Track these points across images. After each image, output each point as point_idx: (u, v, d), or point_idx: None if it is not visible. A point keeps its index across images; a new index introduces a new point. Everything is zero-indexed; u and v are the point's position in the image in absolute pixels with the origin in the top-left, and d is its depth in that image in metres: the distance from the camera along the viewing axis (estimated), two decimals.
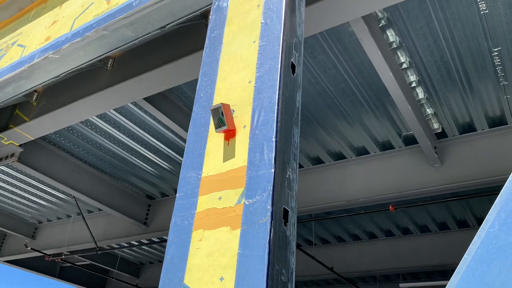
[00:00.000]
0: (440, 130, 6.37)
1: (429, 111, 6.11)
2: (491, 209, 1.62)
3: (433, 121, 6.27)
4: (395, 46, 5.14)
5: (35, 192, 9.33)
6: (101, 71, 5.48)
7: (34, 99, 6.12)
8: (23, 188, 9.16)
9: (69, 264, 10.73)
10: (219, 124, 2.15)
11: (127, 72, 5.18)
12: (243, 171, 2.02)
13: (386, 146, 6.97)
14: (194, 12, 3.33)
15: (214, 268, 1.85)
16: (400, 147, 6.88)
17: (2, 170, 8.54)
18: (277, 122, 2.05)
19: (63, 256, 9.82)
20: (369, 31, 4.54)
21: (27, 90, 4.36)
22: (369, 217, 9.07)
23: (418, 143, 6.49)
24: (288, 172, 2.05)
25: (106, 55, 4.00)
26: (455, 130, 6.39)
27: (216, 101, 2.35)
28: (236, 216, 1.92)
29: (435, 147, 6.42)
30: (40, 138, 7.25)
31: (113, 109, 6.55)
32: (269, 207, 1.84)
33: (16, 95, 4.42)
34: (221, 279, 1.80)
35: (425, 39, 5.12)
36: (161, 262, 12.90)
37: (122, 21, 3.44)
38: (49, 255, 9.93)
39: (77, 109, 5.52)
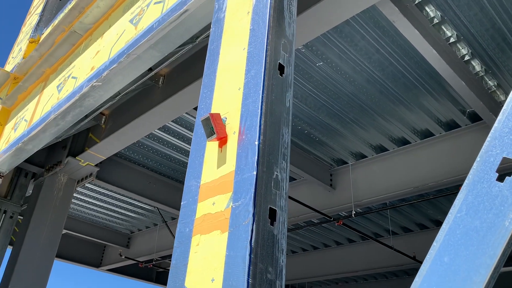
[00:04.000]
0: None
1: (491, 83, 5.68)
2: (459, 193, 1.56)
3: (498, 93, 5.82)
4: (437, 21, 4.87)
5: (123, 206, 10.14)
6: (154, 89, 5.87)
7: (102, 122, 6.70)
8: (113, 203, 10.01)
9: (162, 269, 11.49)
10: (211, 133, 2.26)
11: (176, 86, 5.50)
12: (232, 175, 2.12)
13: (451, 126, 6.59)
14: (206, 26, 3.48)
15: (208, 270, 1.97)
16: (466, 125, 6.47)
17: (94, 189, 9.40)
18: (259, 126, 2.12)
19: (154, 262, 10.54)
20: (400, 11, 4.36)
21: (84, 116, 4.80)
22: (450, 201, 8.59)
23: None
24: (276, 173, 2.10)
25: (145, 77, 4.29)
26: None
27: (213, 111, 2.47)
28: (225, 220, 2.02)
29: None
30: (115, 155, 7.89)
31: (172, 122, 6.94)
32: (251, 208, 1.92)
33: (76, 122, 4.89)
34: (212, 280, 1.92)
35: (469, 9, 4.80)
36: None
37: (147, 43, 3.70)
38: (142, 262, 10.73)
39: (137, 126, 5.96)
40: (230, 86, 2.44)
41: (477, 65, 5.44)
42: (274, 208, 2.02)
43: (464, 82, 5.19)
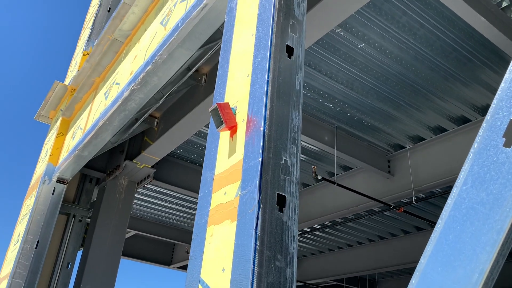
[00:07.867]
0: None
1: None
2: (464, 163, 1.41)
3: None
4: None
5: (187, 205, 10.43)
6: (198, 88, 5.96)
7: (155, 124, 6.92)
8: (178, 202, 10.32)
9: None
10: (221, 123, 2.24)
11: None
12: (240, 164, 2.08)
13: None
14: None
15: (219, 260, 1.95)
16: None
17: (159, 190, 9.73)
18: (265, 111, 2.06)
19: None
20: None
21: (134, 120, 4.96)
22: None
23: None
24: (284, 158, 2.03)
25: (185, 77, 4.35)
26: None
27: (226, 100, 2.44)
28: (234, 209, 1.99)
29: None
30: (172, 156, 8.12)
31: None
32: (256, 196, 1.87)
33: (128, 126, 5.07)
34: (223, 270, 1.90)
35: None
36: (316, 253, 13.14)
37: (174, 42, 3.75)
38: None
39: (184, 126, 6.09)
40: (240, 74, 2.40)
41: None
42: (282, 194, 1.95)
43: None
